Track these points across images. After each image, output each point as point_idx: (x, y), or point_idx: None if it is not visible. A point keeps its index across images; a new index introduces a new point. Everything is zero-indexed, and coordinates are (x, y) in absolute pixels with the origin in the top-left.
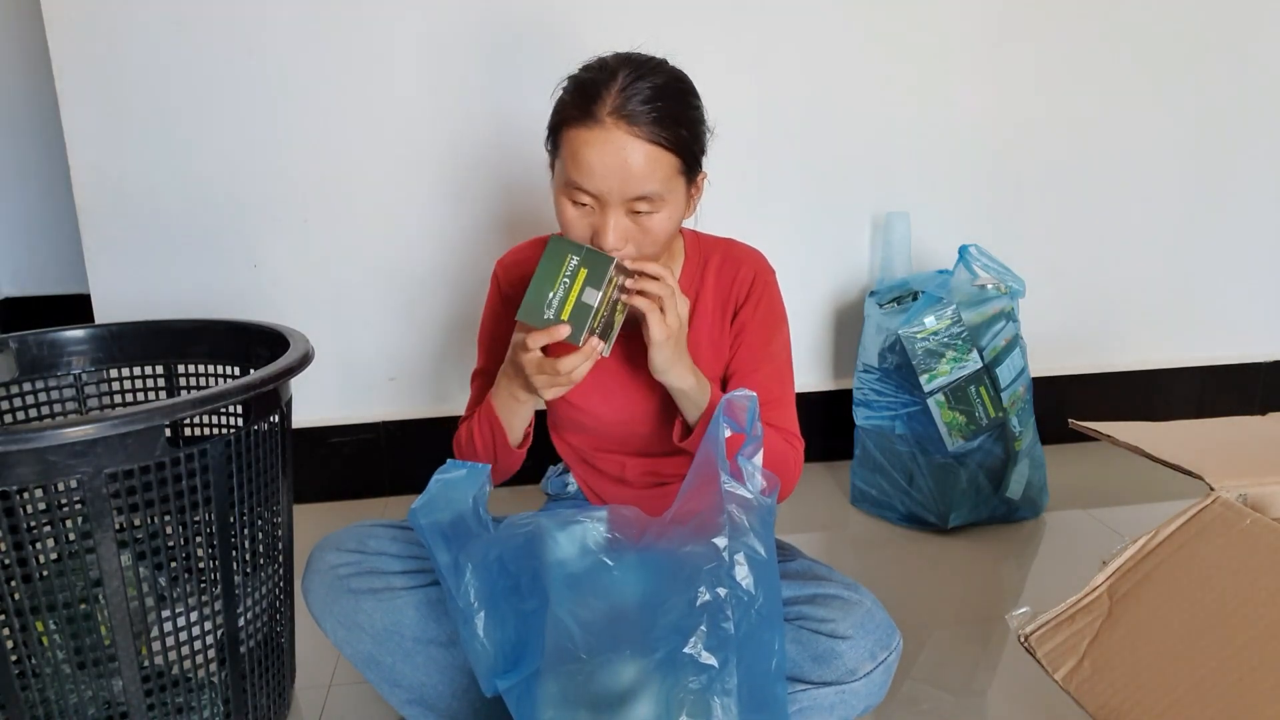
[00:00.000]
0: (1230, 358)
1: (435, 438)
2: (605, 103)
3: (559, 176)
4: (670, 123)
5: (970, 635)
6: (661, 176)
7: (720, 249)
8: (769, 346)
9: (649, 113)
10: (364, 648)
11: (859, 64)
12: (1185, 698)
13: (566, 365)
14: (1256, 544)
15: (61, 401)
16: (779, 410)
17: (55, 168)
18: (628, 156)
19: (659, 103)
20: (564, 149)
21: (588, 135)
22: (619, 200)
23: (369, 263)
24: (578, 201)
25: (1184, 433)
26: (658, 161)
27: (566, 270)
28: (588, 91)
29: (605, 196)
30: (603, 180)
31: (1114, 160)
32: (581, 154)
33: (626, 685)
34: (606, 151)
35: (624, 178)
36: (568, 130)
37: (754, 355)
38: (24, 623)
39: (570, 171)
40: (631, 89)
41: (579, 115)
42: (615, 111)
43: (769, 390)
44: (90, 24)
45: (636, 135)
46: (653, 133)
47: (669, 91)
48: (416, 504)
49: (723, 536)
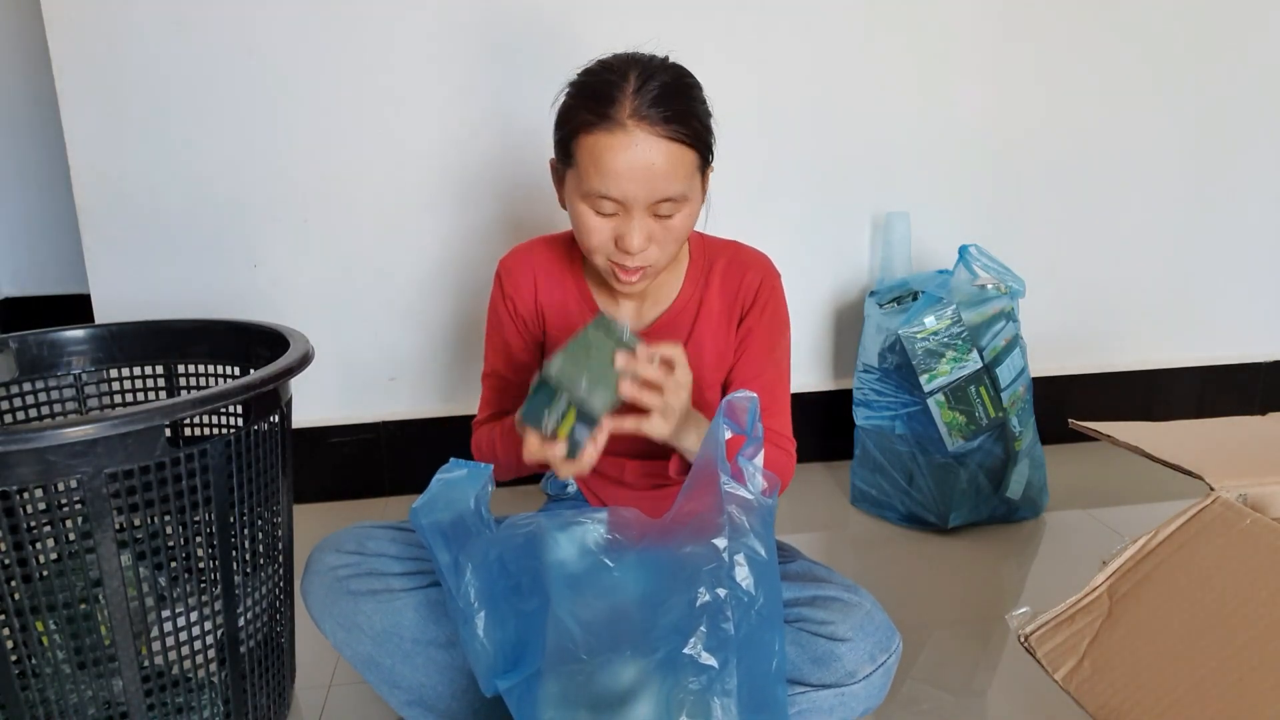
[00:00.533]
0: (1230, 358)
1: (435, 438)
2: (624, 105)
3: (577, 186)
4: (688, 118)
5: (970, 635)
6: (684, 174)
7: (727, 252)
8: (773, 353)
9: (666, 110)
10: (363, 649)
11: (860, 64)
12: (1185, 698)
13: (568, 472)
14: (1256, 544)
15: (61, 401)
16: (776, 417)
17: (55, 168)
18: (653, 158)
19: (674, 99)
20: (582, 157)
21: (610, 140)
22: (644, 203)
23: (369, 263)
24: (601, 211)
25: (1184, 433)
26: (680, 160)
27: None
28: (601, 95)
29: (630, 201)
30: (630, 183)
31: (1114, 160)
32: (605, 160)
33: (626, 686)
34: (633, 155)
35: (649, 179)
36: (585, 137)
37: (756, 361)
38: (24, 623)
39: (593, 180)
40: (646, 89)
41: (596, 120)
42: (635, 113)
43: (770, 395)
44: (90, 24)
45: (659, 135)
46: (674, 130)
47: (680, 87)
48: (417, 503)
49: (723, 537)
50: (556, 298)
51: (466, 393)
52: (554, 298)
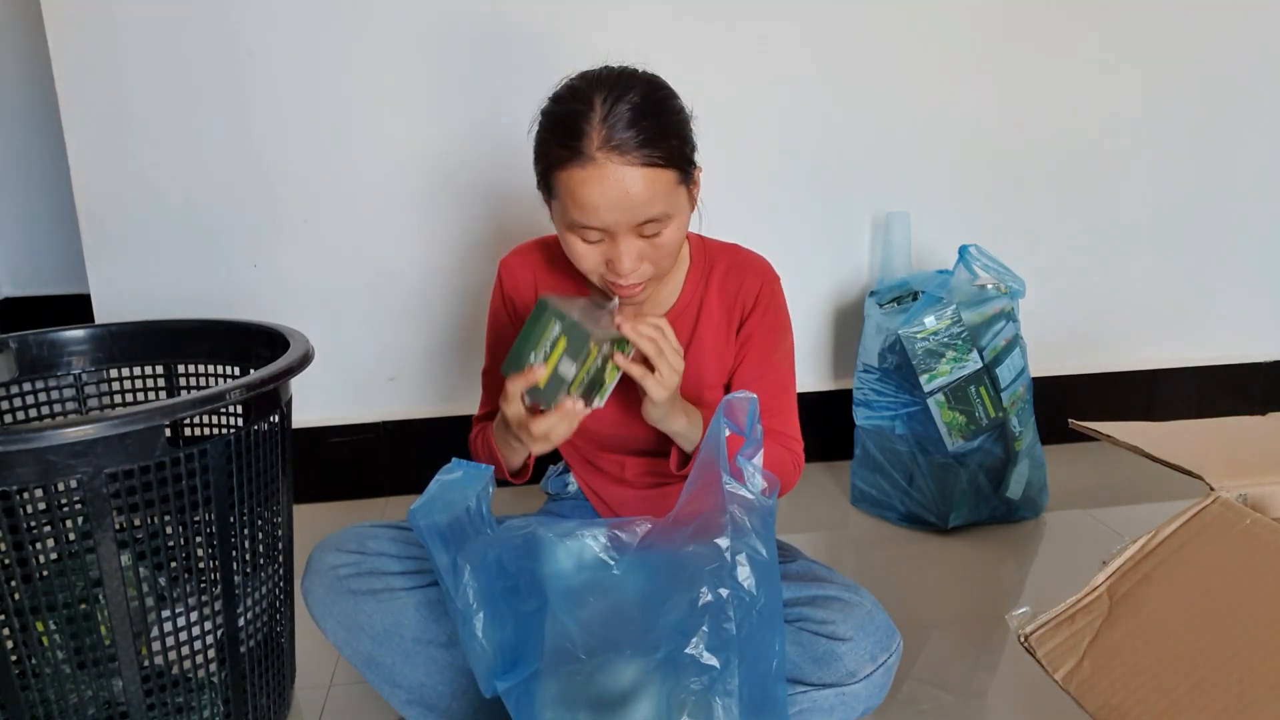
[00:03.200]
0: (1230, 358)
1: (435, 438)
2: (591, 138)
3: (561, 217)
4: (659, 139)
5: (970, 635)
6: (664, 195)
7: (726, 255)
8: (773, 356)
9: (636, 136)
10: (364, 648)
11: (860, 63)
12: (1185, 698)
13: (539, 429)
14: (1256, 544)
15: (61, 401)
16: (781, 417)
17: (55, 168)
18: (627, 187)
19: (644, 122)
20: (560, 191)
21: (582, 175)
22: (628, 227)
23: (369, 263)
24: (587, 239)
25: (1184, 433)
26: (657, 182)
27: (548, 338)
28: (569, 128)
29: (614, 228)
30: (608, 214)
31: (1114, 160)
32: (580, 194)
33: (627, 686)
34: (605, 187)
35: (627, 207)
36: (559, 173)
37: (758, 364)
38: (24, 623)
39: (573, 213)
40: (613, 115)
41: (568, 156)
42: (604, 144)
43: (772, 398)
44: (90, 24)
45: (631, 163)
46: (645, 155)
47: (649, 106)
48: (416, 504)
49: (725, 537)
50: None
51: (466, 393)
52: None
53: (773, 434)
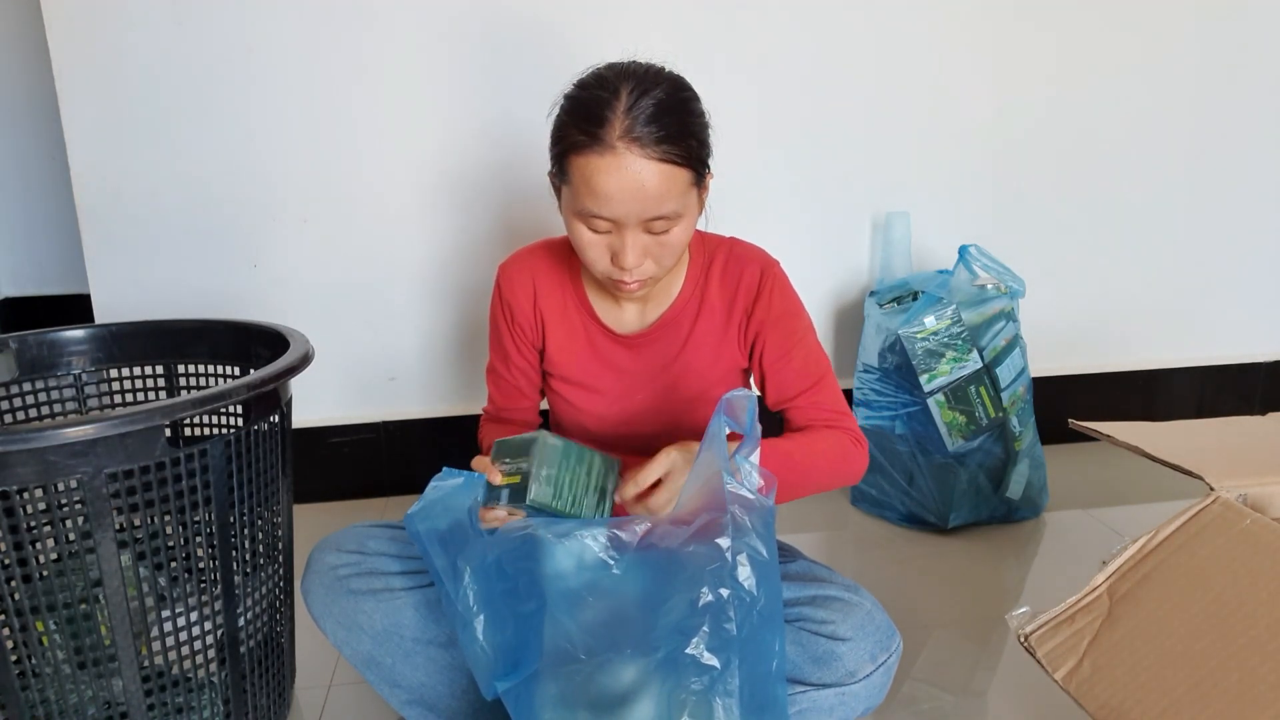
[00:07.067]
0: (1230, 358)
1: (435, 438)
2: (613, 126)
3: (571, 203)
4: (680, 137)
5: (970, 635)
6: (677, 193)
7: (724, 248)
8: (794, 334)
9: (658, 131)
10: (364, 648)
11: (860, 63)
12: (1185, 698)
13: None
14: (1256, 544)
15: (61, 401)
16: (822, 392)
17: (55, 168)
18: (643, 180)
19: (667, 118)
20: (574, 176)
21: (599, 163)
22: (637, 221)
23: (369, 263)
24: (595, 228)
25: (1184, 433)
26: (673, 179)
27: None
28: (592, 114)
29: (623, 220)
30: (620, 205)
31: (1114, 160)
32: (595, 181)
33: (626, 686)
34: (622, 177)
35: (641, 200)
36: (576, 157)
37: (783, 345)
38: (24, 623)
39: (585, 199)
40: (637, 108)
41: (587, 141)
42: (625, 135)
43: (808, 373)
44: (90, 24)
45: (649, 157)
46: (665, 151)
47: (674, 104)
48: (412, 510)
49: (726, 537)
50: (555, 303)
51: (466, 393)
52: (552, 303)
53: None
